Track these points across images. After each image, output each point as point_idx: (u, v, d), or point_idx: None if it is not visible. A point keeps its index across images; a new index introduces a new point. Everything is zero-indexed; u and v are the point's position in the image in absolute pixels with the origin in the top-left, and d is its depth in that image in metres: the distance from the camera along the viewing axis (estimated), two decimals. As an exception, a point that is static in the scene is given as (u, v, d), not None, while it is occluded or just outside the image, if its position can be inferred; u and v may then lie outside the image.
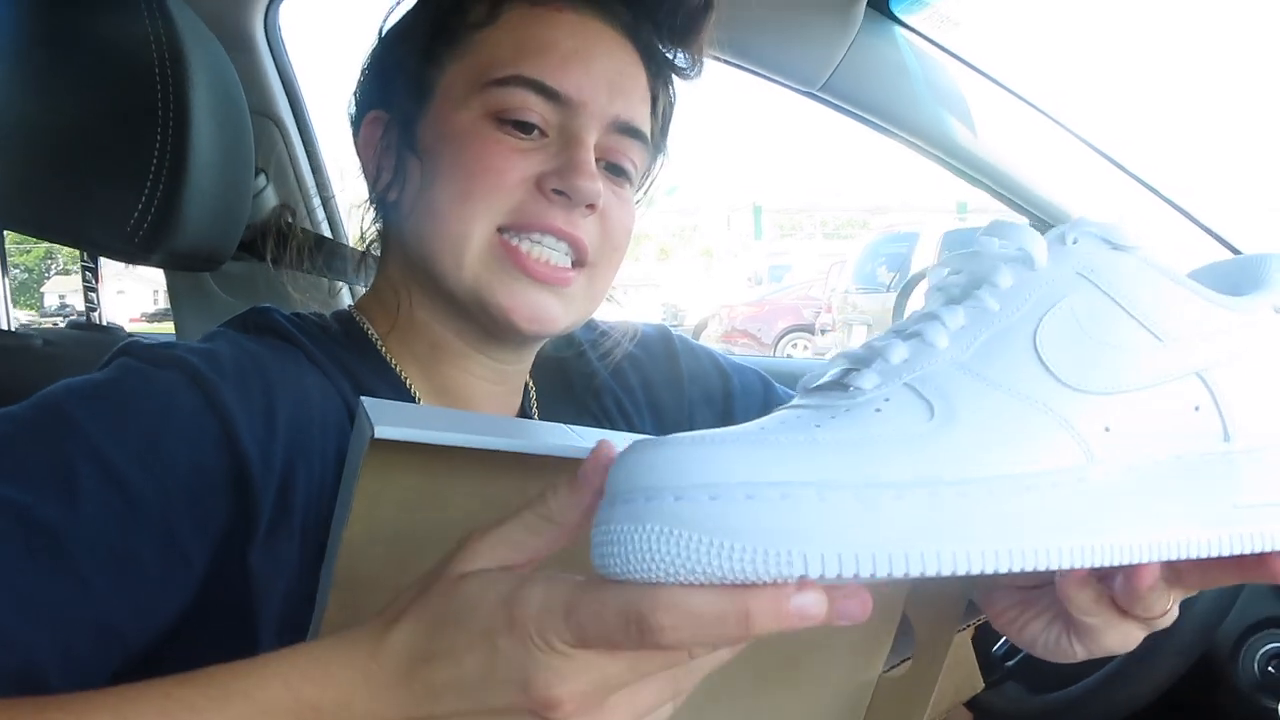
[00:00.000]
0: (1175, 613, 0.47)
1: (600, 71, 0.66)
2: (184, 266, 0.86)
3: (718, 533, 0.32)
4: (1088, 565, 0.36)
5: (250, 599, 0.55)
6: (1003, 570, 0.34)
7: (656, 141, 0.74)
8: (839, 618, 0.34)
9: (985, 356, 0.39)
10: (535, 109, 0.64)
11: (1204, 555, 0.39)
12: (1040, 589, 0.52)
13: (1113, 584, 0.45)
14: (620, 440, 0.38)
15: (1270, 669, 1.01)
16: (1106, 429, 0.38)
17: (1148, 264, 0.42)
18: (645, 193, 0.78)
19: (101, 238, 0.79)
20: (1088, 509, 0.36)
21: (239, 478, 0.55)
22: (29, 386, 0.57)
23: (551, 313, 0.65)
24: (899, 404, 0.37)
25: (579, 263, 0.66)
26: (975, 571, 0.34)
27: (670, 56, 0.73)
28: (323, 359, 0.64)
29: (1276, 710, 0.98)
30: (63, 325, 1.14)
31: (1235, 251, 1.07)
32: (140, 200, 0.76)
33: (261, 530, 0.55)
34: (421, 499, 0.46)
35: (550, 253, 0.64)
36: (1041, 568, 0.35)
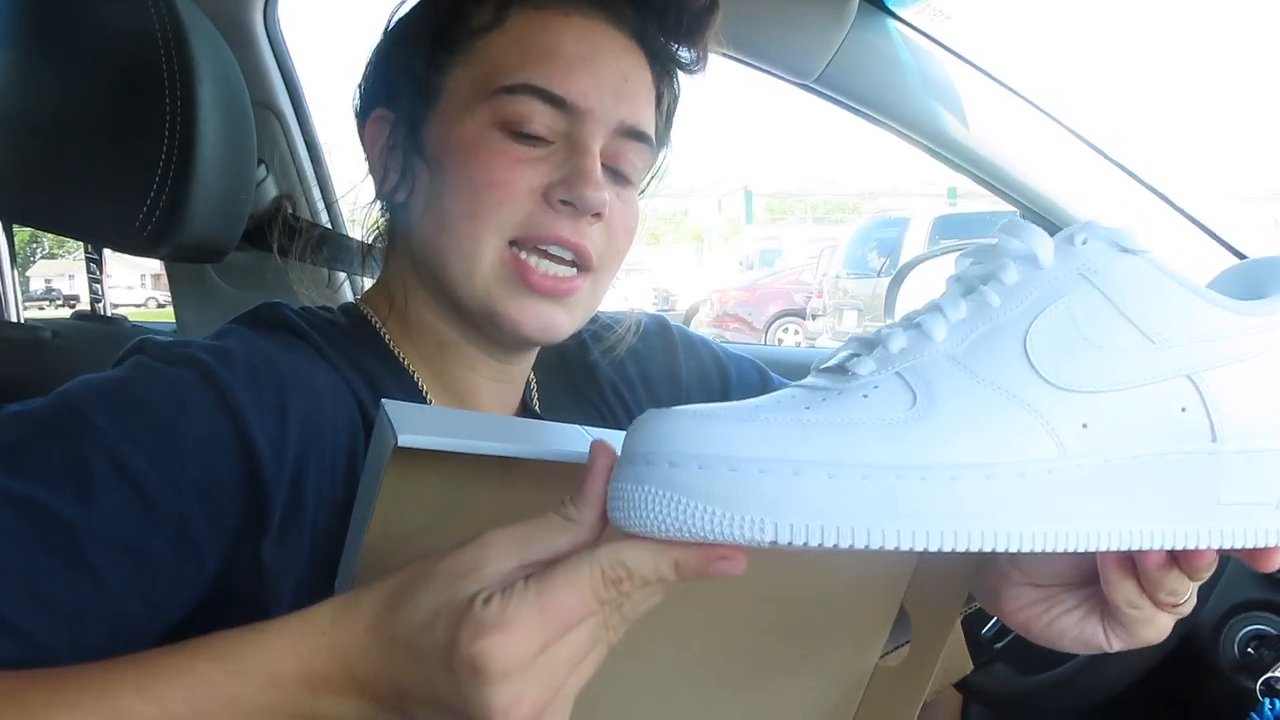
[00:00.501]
0: (1194, 601, 0.49)
1: (606, 77, 0.66)
2: (189, 259, 0.86)
3: (702, 498, 0.36)
4: (1049, 550, 0.38)
5: (262, 593, 0.56)
6: (960, 550, 0.37)
7: (661, 136, 0.75)
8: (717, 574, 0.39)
9: (976, 351, 0.41)
10: (542, 118, 0.64)
11: (1186, 547, 0.41)
12: (1066, 587, 0.54)
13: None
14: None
15: (1250, 650, 1.02)
16: (1084, 425, 0.39)
17: (1154, 267, 0.42)
18: (647, 187, 0.78)
19: (110, 232, 0.79)
20: (1054, 498, 0.38)
21: (251, 474, 0.56)
22: (39, 378, 0.58)
23: (558, 322, 0.67)
24: (886, 391, 0.40)
25: (583, 268, 0.67)
26: (926, 549, 0.36)
27: (675, 51, 0.73)
28: (334, 354, 0.65)
29: (1256, 690, 1.00)
30: (59, 313, 1.14)
31: (1212, 234, 1.08)
32: (149, 194, 0.76)
33: (274, 526, 0.56)
34: (442, 502, 0.47)
35: (556, 266, 0.65)
36: (994, 549, 0.37)
